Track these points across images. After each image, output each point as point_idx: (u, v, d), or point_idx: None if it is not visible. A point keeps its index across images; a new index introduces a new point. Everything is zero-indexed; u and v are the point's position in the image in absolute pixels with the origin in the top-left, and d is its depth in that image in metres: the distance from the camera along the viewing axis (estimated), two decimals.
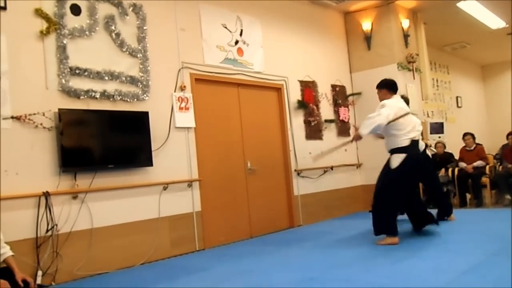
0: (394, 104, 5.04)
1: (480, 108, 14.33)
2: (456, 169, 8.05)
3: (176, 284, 4.00)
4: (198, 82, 5.94)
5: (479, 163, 8.00)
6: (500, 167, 8.19)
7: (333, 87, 8.22)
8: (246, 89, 6.63)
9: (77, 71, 4.70)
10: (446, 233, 5.23)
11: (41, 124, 4.39)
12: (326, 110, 7.96)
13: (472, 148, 8.33)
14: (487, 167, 8.09)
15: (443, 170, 8.07)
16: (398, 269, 3.76)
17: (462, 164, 8.11)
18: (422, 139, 5.98)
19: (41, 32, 4.48)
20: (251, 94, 6.71)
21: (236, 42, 6.53)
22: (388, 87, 5.30)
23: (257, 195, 6.60)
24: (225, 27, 6.39)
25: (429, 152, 6.88)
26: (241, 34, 6.60)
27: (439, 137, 9.34)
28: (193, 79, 5.88)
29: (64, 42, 4.62)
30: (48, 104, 4.47)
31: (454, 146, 8.88)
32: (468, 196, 8.13)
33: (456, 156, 8.52)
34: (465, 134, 8.53)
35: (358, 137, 5.11)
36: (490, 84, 14.67)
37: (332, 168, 7.79)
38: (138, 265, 4.95)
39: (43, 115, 4.41)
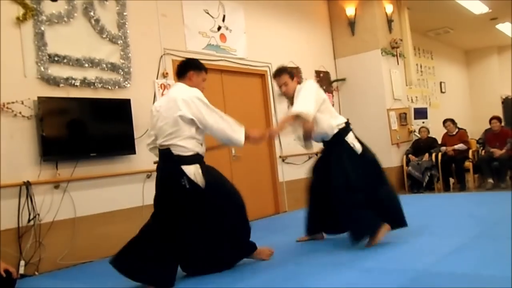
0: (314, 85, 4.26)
1: (464, 93, 14.45)
2: (440, 154, 8.12)
3: None
4: None
5: (460, 146, 8.08)
6: (483, 151, 8.27)
7: (317, 73, 8.21)
8: (229, 76, 6.59)
9: (56, 59, 4.62)
10: (429, 217, 5.28)
11: (20, 112, 4.32)
12: None
13: (454, 133, 8.41)
14: (470, 151, 8.17)
15: (426, 155, 8.13)
16: (382, 252, 3.78)
17: (443, 148, 8.18)
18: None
19: (18, 18, 4.37)
20: (234, 80, 6.67)
21: (219, 28, 6.47)
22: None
23: (242, 181, 6.56)
24: (207, 13, 6.32)
25: None
26: (223, 20, 6.54)
27: (423, 122, 9.40)
28: (176, 65, 5.79)
29: (42, 28, 4.53)
30: (27, 92, 4.39)
31: (438, 131, 8.95)
32: (452, 180, 8.22)
33: (440, 142, 8.58)
34: (445, 121, 8.59)
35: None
36: (473, 69, 14.77)
37: (316, 154, 7.77)
38: None
39: (22, 103, 4.33)
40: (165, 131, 3.46)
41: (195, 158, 3.48)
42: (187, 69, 3.75)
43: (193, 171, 3.43)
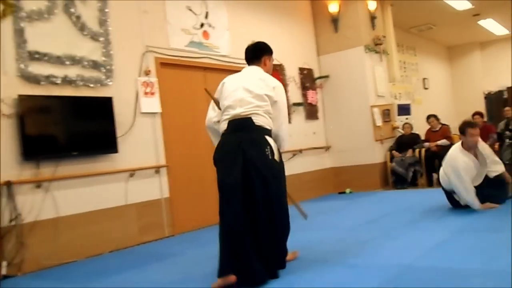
0: None
1: (447, 89, 14.57)
2: (423, 150, 8.19)
3: (146, 270, 3.95)
4: (163, 66, 5.83)
5: (443, 141, 8.16)
6: None
7: (301, 70, 8.22)
8: (212, 73, 6.55)
9: (36, 56, 4.54)
10: (413, 213, 5.32)
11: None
12: (294, 94, 7.95)
13: (438, 129, 8.49)
14: None
15: (410, 151, 8.19)
16: (368, 248, 3.80)
17: (426, 144, 8.27)
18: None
19: None
20: (218, 78, 6.52)
21: (202, 25, 6.43)
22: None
23: None
24: (190, 10, 6.28)
25: None
26: (206, 17, 6.50)
27: (407, 118, 9.47)
28: (158, 63, 5.78)
29: (22, 25, 4.45)
30: (7, 90, 4.31)
31: (421, 127, 9.02)
32: (435, 175, 8.26)
33: (423, 138, 8.66)
34: (428, 117, 8.68)
35: None
36: (456, 65, 14.91)
37: (301, 151, 7.81)
38: (106, 253, 4.88)
39: (2, 102, 4.26)
40: (249, 103, 3.31)
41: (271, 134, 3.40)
42: (261, 53, 3.63)
43: (273, 143, 3.38)
